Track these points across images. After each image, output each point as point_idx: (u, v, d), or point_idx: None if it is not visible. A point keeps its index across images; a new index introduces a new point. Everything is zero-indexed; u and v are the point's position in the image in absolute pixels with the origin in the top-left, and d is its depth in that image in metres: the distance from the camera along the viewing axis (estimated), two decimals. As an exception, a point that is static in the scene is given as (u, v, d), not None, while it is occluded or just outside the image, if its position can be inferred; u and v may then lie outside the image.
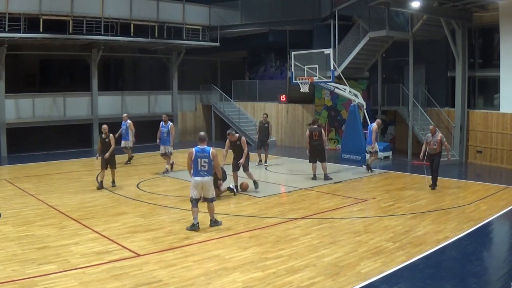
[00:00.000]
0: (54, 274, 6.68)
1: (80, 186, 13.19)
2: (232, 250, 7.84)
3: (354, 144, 18.09)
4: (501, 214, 10.26)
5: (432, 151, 12.76)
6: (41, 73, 23.91)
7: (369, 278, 6.65)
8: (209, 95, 25.98)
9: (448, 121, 18.42)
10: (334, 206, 10.95)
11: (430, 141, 12.80)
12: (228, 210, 10.55)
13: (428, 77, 20.13)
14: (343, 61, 20.09)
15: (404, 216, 10.03)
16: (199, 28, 23.72)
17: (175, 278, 6.60)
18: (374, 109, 21.26)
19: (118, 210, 10.43)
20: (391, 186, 13.40)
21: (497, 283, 6.71)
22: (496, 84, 16.96)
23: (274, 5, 24.02)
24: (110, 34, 20.61)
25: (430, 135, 12.90)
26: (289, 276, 6.73)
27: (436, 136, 12.72)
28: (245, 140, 12.16)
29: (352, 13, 20.54)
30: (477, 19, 17.51)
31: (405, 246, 8.02)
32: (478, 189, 12.79)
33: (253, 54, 26.92)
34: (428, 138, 12.94)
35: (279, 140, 23.72)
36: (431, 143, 12.75)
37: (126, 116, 16.83)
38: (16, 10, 18.32)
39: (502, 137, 16.65)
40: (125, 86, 26.27)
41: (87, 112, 21.76)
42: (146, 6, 22.08)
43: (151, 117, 23.63)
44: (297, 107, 22.98)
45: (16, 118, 19.91)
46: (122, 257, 7.45)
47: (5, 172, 15.94)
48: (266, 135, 16.77)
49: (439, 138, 12.70)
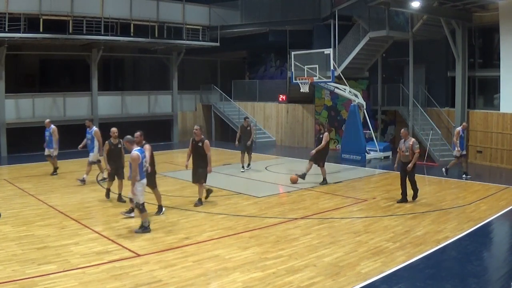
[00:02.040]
0: (54, 274, 6.68)
1: (80, 186, 13.18)
2: (232, 250, 7.84)
3: (354, 144, 18.10)
4: (501, 214, 10.26)
5: (404, 158, 11.02)
6: (41, 73, 23.93)
7: (369, 278, 6.65)
8: (209, 95, 25.99)
9: (448, 121, 18.42)
10: (334, 206, 10.95)
11: (401, 147, 11.08)
12: (228, 210, 10.54)
13: (428, 77, 20.13)
14: (343, 61, 20.09)
15: (404, 216, 10.03)
16: (199, 28, 23.73)
17: (175, 278, 6.60)
18: (374, 109, 21.27)
19: (118, 210, 10.42)
20: (391, 186, 13.38)
21: (497, 283, 6.71)
22: (496, 84, 16.96)
23: (274, 5, 24.03)
24: (110, 34, 20.63)
25: (402, 141, 11.12)
26: (289, 276, 6.73)
27: (408, 141, 10.98)
28: (209, 143, 10.68)
29: (352, 13, 20.55)
30: (477, 19, 17.52)
31: (405, 246, 8.02)
32: (478, 189, 12.79)
33: (253, 54, 26.93)
34: (400, 144, 11.20)
35: (279, 140, 23.74)
36: (403, 149, 11.01)
37: (49, 122, 14.98)
38: (16, 10, 18.34)
39: (502, 137, 16.65)
40: (125, 86, 26.30)
41: (87, 112, 21.75)
42: (146, 6, 22.10)
43: (151, 117, 23.68)
44: (297, 107, 22.98)
45: (16, 118, 19.92)
46: (122, 257, 7.45)
47: (5, 172, 15.95)
48: (248, 139, 15.35)
49: (411, 143, 10.91)
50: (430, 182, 14.15)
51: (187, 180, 14.02)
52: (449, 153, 17.54)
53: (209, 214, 10.17)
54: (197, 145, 10.56)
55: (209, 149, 10.57)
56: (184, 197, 11.72)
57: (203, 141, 10.51)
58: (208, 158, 10.51)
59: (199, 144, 10.53)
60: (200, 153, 10.53)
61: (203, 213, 10.22)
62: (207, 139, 10.66)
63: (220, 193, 12.29)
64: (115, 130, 11.34)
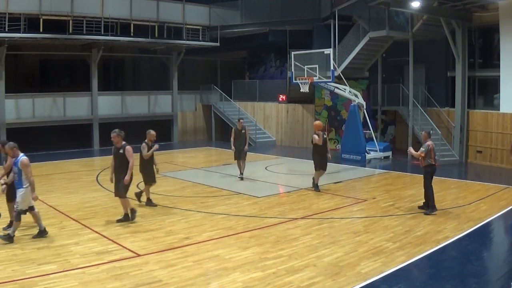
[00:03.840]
0: (54, 274, 6.68)
1: (80, 186, 13.20)
2: (232, 250, 7.84)
3: (354, 144, 18.11)
4: (501, 214, 10.25)
5: (423, 162, 10.27)
6: (41, 73, 23.91)
7: (369, 278, 6.64)
8: (209, 95, 25.99)
9: (448, 121, 18.41)
10: (334, 206, 10.95)
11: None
12: (228, 210, 10.55)
13: (428, 77, 20.12)
14: (343, 61, 20.08)
15: (404, 216, 10.03)
16: (199, 28, 23.73)
17: (175, 278, 6.60)
18: (374, 109, 21.27)
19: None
20: (391, 186, 13.39)
21: (497, 283, 6.71)
22: (496, 84, 16.96)
23: (274, 5, 24.03)
24: (110, 34, 20.63)
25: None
26: (289, 276, 6.73)
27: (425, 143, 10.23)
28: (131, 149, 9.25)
29: (352, 13, 20.54)
30: (477, 19, 17.52)
31: (405, 246, 8.02)
32: (478, 189, 12.79)
33: (253, 54, 26.93)
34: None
35: (279, 140, 23.75)
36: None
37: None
38: (16, 10, 18.34)
39: (502, 137, 16.64)
40: (125, 86, 26.30)
41: (87, 112, 21.76)
42: (146, 6, 22.10)
43: (151, 117, 23.67)
44: (297, 107, 22.98)
45: (16, 118, 19.92)
46: (122, 257, 7.45)
47: (5, 172, 15.93)
48: (243, 143, 13.98)
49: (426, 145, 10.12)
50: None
51: (187, 180, 14.07)
52: (449, 153, 17.56)
53: (209, 214, 10.18)
54: (118, 153, 9.29)
55: (132, 156, 9.17)
56: (184, 197, 11.72)
57: (124, 147, 9.21)
58: (130, 166, 9.13)
59: (120, 151, 9.24)
60: (122, 162, 9.23)
61: (203, 213, 10.22)
62: (128, 145, 9.27)
63: (220, 193, 12.31)
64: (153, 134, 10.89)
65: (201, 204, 11.11)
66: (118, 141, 9.27)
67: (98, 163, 18.30)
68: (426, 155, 10.09)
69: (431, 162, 10.15)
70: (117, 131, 9.35)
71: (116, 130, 9.37)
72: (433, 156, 10.19)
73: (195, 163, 18.02)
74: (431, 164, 10.16)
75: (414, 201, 11.31)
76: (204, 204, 11.08)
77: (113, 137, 9.28)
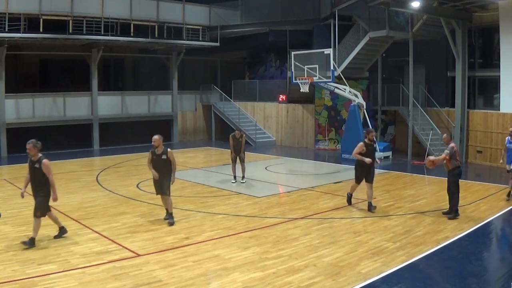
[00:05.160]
0: (54, 274, 6.68)
1: (80, 186, 13.20)
2: (232, 250, 7.84)
3: (354, 144, 17.97)
4: (501, 214, 10.25)
5: (447, 166, 9.92)
6: (41, 73, 23.91)
7: (369, 278, 6.64)
8: (209, 95, 25.99)
9: (448, 121, 18.41)
10: (334, 206, 10.96)
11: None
12: (228, 210, 10.55)
13: (428, 77, 20.13)
14: (343, 61, 20.09)
15: (404, 216, 10.03)
16: (199, 28, 23.73)
17: (175, 278, 6.60)
18: (374, 109, 21.27)
19: (118, 210, 10.43)
20: (391, 186, 13.40)
21: (497, 283, 6.71)
22: (496, 84, 16.96)
23: (274, 5, 24.02)
24: (110, 34, 20.63)
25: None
26: (289, 276, 6.73)
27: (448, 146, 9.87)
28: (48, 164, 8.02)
29: (352, 13, 20.55)
30: (477, 19, 17.52)
31: (405, 246, 8.02)
32: (478, 189, 12.79)
33: (253, 54, 26.93)
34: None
35: (279, 140, 23.74)
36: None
37: None
38: (16, 10, 18.34)
39: (502, 137, 16.60)
40: (125, 86, 26.30)
41: (87, 112, 21.75)
42: (146, 6, 22.10)
43: (151, 117, 23.68)
44: (297, 107, 22.98)
45: (16, 118, 19.91)
46: (122, 257, 7.45)
47: (5, 172, 15.95)
48: (239, 150, 13.73)
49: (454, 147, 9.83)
50: (430, 182, 14.15)
51: (187, 180, 14.07)
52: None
53: (209, 214, 10.18)
54: (33, 167, 7.99)
55: (50, 171, 7.97)
56: (184, 197, 11.72)
57: (40, 161, 7.93)
58: (51, 182, 7.98)
59: (35, 165, 7.96)
60: (38, 177, 7.99)
61: (203, 213, 10.22)
62: (46, 158, 8.00)
63: (220, 193, 12.31)
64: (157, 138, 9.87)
65: (201, 204, 11.12)
66: (35, 153, 7.94)
67: (98, 163, 18.29)
68: (451, 158, 9.83)
69: (458, 164, 9.92)
70: (33, 141, 7.97)
71: (33, 141, 7.97)
72: (458, 158, 10.01)
73: (195, 163, 18.02)
74: (457, 166, 9.87)
75: (414, 201, 11.32)
76: (204, 204, 11.09)
77: (29, 149, 7.92)
